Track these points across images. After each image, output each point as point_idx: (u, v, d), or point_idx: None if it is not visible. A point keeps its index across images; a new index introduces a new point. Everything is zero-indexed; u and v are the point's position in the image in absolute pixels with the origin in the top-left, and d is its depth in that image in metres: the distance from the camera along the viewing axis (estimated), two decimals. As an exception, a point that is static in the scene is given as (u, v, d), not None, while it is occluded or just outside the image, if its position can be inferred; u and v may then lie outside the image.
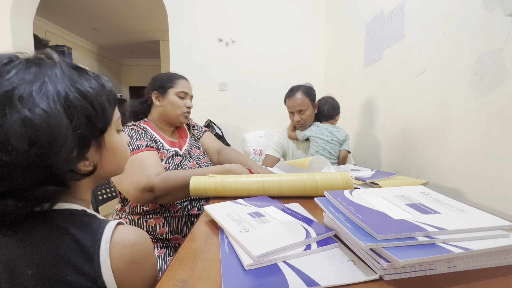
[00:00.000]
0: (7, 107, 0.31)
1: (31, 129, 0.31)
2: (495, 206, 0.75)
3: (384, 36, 1.39)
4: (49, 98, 0.33)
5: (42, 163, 0.33)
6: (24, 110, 0.31)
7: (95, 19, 4.15)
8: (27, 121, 0.31)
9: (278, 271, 0.37)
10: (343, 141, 1.40)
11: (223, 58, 2.50)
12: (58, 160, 0.34)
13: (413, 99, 1.15)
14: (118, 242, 0.37)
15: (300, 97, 1.38)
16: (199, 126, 1.25)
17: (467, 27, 0.85)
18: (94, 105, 0.38)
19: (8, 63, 0.34)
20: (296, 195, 0.76)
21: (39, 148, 0.31)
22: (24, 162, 0.31)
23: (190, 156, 1.07)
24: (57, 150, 0.33)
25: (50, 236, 0.35)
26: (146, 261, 0.40)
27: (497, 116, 0.75)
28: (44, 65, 0.36)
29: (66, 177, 0.37)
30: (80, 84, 0.37)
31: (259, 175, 0.79)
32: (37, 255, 0.34)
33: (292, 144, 1.51)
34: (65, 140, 0.34)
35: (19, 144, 0.30)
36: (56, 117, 0.33)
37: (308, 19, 2.48)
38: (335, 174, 0.77)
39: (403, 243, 0.35)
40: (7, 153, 0.30)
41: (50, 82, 0.34)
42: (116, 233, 0.37)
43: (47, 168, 0.34)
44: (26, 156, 0.31)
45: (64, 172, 0.36)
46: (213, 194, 0.77)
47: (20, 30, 2.62)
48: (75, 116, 0.35)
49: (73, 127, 0.35)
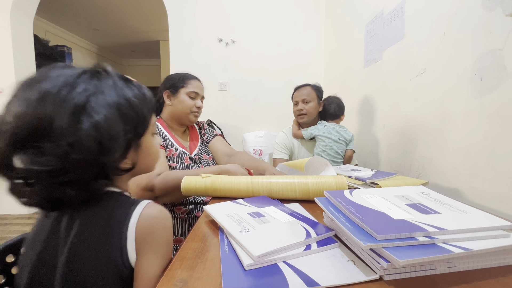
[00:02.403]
0: (82, 115, 0.38)
1: (99, 132, 0.38)
2: (495, 206, 0.75)
3: (384, 36, 1.39)
4: (109, 106, 0.40)
5: (100, 160, 0.40)
6: (94, 116, 0.38)
7: (95, 19, 4.15)
8: (97, 126, 0.38)
9: (278, 271, 0.37)
10: (350, 141, 1.39)
11: (223, 58, 2.50)
12: (110, 158, 0.41)
13: (413, 99, 1.15)
14: (144, 216, 0.43)
15: (308, 90, 1.43)
16: (210, 130, 1.24)
17: (467, 27, 0.85)
18: (138, 112, 0.45)
19: (78, 76, 0.40)
20: (286, 198, 0.73)
21: (102, 147, 0.39)
22: (89, 159, 0.38)
23: (200, 162, 1.07)
24: (113, 150, 0.41)
25: (101, 211, 0.43)
26: (162, 234, 0.44)
27: (497, 116, 0.75)
28: (102, 78, 0.43)
29: (112, 173, 0.44)
30: (128, 94, 0.44)
31: (248, 177, 0.77)
32: (97, 223, 0.42)
33: (296, 143, 1.50)
34: (119, 141, 0.41)
35: (90, 144, 0.37)
36: (115, 122, 0.41)
37: (308, 19, 2.48)
38: (330, 179, 0.74)
39: (403, 243, 0.35)
40: (78, 152, 0.37)
41: (108, 93, 0.41)
42: (145, 209, 0.43)
43: (101, 164, 0.41)
44: (91, 154, 0.38)
45: (112, 169, 0.44)
46: (204, 194, 0.77)
47: (20, 30, 2.62)
48: (125, 122, 0.42)
49: (124, 130, 0.42)
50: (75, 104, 0.38)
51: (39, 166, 0.36)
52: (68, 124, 0.37)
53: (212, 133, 1.23)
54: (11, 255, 0.55)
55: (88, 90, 0.39)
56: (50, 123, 0.36)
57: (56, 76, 0.39)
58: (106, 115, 0.39)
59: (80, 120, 0.37)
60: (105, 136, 0.39)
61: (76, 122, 0.37)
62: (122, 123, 0.42)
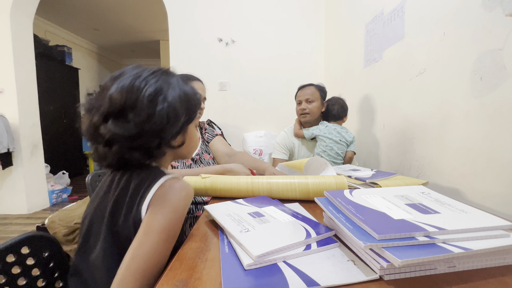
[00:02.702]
0: (157, 98, 0.51)
1: (168, 110, 0.51)
2: (495, 206, 0.75)
3: (384, 36, 1.39)
4: (175, 94, 0.54)
5: (163, 132, 0.52)
6: (166, 99, 0.52)
7: (95, 19, 4.15)
8: (167, 106, 0.51)
9: (278, 271, 0.37)
10: (351, 142, 1.39)
11: (223, 58, 2.50)
12: (170, 132, 0.53)
13: (413, 99, 1.15)
14: (163, 184, 0.50)
15: (312, 89, 1.43)
16: (211, 130, 1.23)
17: (467, 27, 0.85)
18: (191, 103, 0.58)
19: (153, 73, 0.54)
20: (286, 198, 0.73)
21: (168, 121, 0.52)
22: (156, 129, 0.51)
23: (201, 161, 1.07)
24: (174, 126, 0.53)
25: (140, 177, 0.52)
26: (170, 199, 0.49)
27: (497, 116, 0.75)
28: (169, 75, 0.56)
29: (166, 146, 0.55)
30: (186, 89, 0.57)
31: (248, 177, 0.77)
32: (133, 185, 0.51)
33: (297, 142, 1.50)
34: (178, 121, 0.54)
35: (161, 118, 0.50)
36: (178, 105, 0.53)
37: (308, 19, 2.48)
38: (330, 179, 0.74)
39: (403, 243, 0.35)
40: (152, 123, 0.50)
41: (174, 85, 0.55)
42: (167, 181, 0.51)
43: (163, 136, 0.52)
44: (160, 125, 0.51)
45: (167, 142, 0.54)
46: (204, 194, 0.77)
47: (20, 30, 2.62)
48: (183, 107, 0.55)
49: (182, 114, 0.55)
50: (154, 89, 0.51)
51: (122, 131, 0.48)
52: (147, 103, 0.50)
53: (213, 132, 1.23)
54: (11, 255, 0.55)
55: (161, 82, 0.53)
56: (135, 103, 0.49)
57: (137, 72, 0.53)
58: (173, 100, 0.53)
59: (156, 101, 0.51)
60: (171, 114, 0.52)
61: (153, 102, 0.50)
62: (182, 108, 0.54)
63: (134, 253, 0.43)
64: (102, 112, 0.50)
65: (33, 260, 0.58)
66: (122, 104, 0.49)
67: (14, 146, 2.59)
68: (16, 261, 0.56)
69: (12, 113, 2.59)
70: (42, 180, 2.92)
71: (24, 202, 2.70)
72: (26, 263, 0.57)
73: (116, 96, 0.49)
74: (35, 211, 2.78)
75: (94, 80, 5.45)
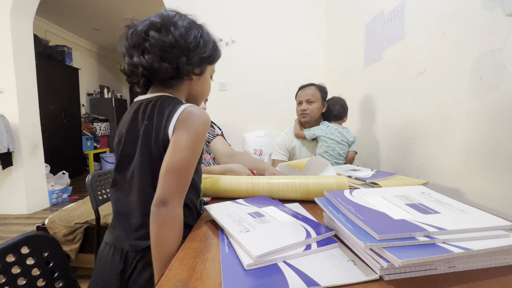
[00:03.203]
0: (193, 27, 0.62)
1: (201, 38, 0.62)
2: (495, 206, 0.75)
3: (384, 36, 1.39)
4: (207, 31, 0.66)
5: (191, 53, 0.60)
6: (201, 31, 0.63)
7: (95, 19, 4.15)
8: (202, 35, 0.63)
9: (278, 271, 0.37)
10: (352, 142, 1.38)
11: (223, 58, 2.47)
12: (195, 56, 0.61)
13: (413, 99, 1.15)
14: (186, 109, 0.57)
15: (312, 90, 1.42)
16: (212, 130, 1.23)
17: (467, 27, 0.85)
18: (216, 46, 0.67)
19: (181, 15, 0.63)
20: (287, 198, 0.73)
21: (197, 47, 0.61)
22: (187, 48, 0.60)
23: (202, 162, 1.07)
24: (201, 52, 0.62)
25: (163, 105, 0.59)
26: (193, 122, 0.56)
27: (497, 116, 0.75)
28: (193, 19, 0.65)
29: (189, 69, 0.61)
30: (212, 36, 0.67)
31: (249, 177, 0.77)
32: (158, 112, 0.59)
33: (298, 143, 1.49)
34: (200, 49, 0.62)
35: (195, 41, 0.61)
36: (208, 39, 0.64)
37: (308, 19, 2.48)
38: (330, 179, 0.74)
39: (403, 243, 0.35)
40: (185, 41, 0.59)
41: (199, 25, 0.65)
42: (188, 107, 0.57)
43: (189, 57, 0.60)
44: (191, 46, 0.60)
45: (189, 67, 0.61)
46: (204, 195, 0.76)
47: (20, 30, 2.62)
48: (211, 44, 0.65)
49: (211, 47, 0.65)
50: (188, 22, 0.62)
51: (162, 39, 0.57)
52: (186, 25, 0.61)
53: (213, 132, 1.23)
54: (11, 255, 0.55)
55: (190, 22, 0.63)
56: (176, 23, 0.60)
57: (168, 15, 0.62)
58: (205, 33, 0.64)
59: (191, 28, 0.61)
60: (201, 40, 0.62)
61: (189, 28, 0.61)
62: (209, 43, 0.64)
63: (169, 162, 0.53)
64: (145, 25, 0.60)
65: (33, 260, 0.58)
66: (164, 21, 0.59)
67: (14, 146, 2.59)
68: (16, 261, 0.56)
69: (12, 113, 2.59)
70: (42, 180, 2.92)
71: (24, 202, 2.70)
72: (26, 263, 0.57)
73: (158, 17, 0.60)
74: (35, 211, 2.78)
75: (94, 80, 5.45)
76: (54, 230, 1.59)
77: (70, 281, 0.65)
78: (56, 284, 0.62)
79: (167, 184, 0.52)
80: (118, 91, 6.20)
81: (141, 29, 0.59)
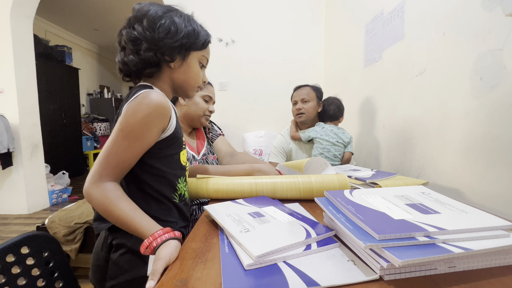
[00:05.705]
0: (165, 15, 0.62)
1: (171, 25, 0.61)
2: (495, 206, 0.75)
3: (384, 36, 1.39)
4: (181, 19, 0.64)
5: (161, 43, 0.60)
6: (172, 18, 0.62)
7: (95, 19, 4.15)
8: (172, 22, 0.62)
9: (278, 271, 0.37)
10: (348, 143, 1.38)
11: (223, 58, 2.50)
12: (167, 45, 0.61)
13: (413, 99, 1.15)
14: (142, 94, 0.56)
15: (307, 89, 1.43)
16: (214, 130, 1.24)
17: (467, 27, 0.85)
18: (195, 30, 0.65)
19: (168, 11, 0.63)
20: (291, 197, 0.74)
21: (167, 35, 0.61)
22: (156, 38, 0.60)
23: (207, 162, 1.07)
24: (172, 40, 0.61)
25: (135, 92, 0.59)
26: (133, 104, 0.56)
27: (497, 116, 0.75)
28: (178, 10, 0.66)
29: (162, 59, 0.62)
30: (193, 22, 0.67)
31: (251, 177, 0.77)
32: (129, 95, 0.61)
33: (294, 146, 1.50)
34: (178, 36, 0.62)
35: (164, 30, 0.60)
36: (181, 25, 0.63)
37: (308, 19, 2.48)
38: (332, 177, 0.75)
39: (403, 243, 0.35)
40: (152, 32, 0.60)
41: (182, 14, 0.65)
42: (144, 92, 0.57)
43: (160, 47, 0.61)
44: (160, 36, 0.60)
45: (166, 57, 0.62)
46: (205, 196, 0.76)
47: (20, 30, 2.62)
48: (186, 30, 0.63)
49: (184, 34, 0.63)
50: (162, 11, 0.62)
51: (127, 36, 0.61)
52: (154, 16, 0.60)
53: (216, 132, 1.24)
54: (11, 255, 0.55)
55: (171, 12, 0.64)
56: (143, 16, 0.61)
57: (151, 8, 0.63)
58: (178, 20, 0.62)
59: (161, 17, 0.61)
60: (172, 28, 0.61)
61: (158, 17, 0.61)
62: (183, 29, 0.62)
63: (103, 148, 0.55)
64: (124, 26, 0.63)
65: (33, 260, 0.59)
66: (136, 16, 0.61)
67: (14, 146, 2.59)
68: (16, 261, 0.56)
69: (12, 113, 2.59)
70: (42, 180, 2.92)
71: (24, 202, 2.70)
72: (26, 263, 0.57)
73: (135, 12, 0.62)
74: (35, 211, 2.78)
75: (94, 80, 5.45)
76: (54, 230, 1.59)
77: (70, 281, 0.65)
78: (56, 284, 0.62)
79: (94, 165, 0.55)
80: (118, 91, 6.20)
81: (121, 28, 0.63)
